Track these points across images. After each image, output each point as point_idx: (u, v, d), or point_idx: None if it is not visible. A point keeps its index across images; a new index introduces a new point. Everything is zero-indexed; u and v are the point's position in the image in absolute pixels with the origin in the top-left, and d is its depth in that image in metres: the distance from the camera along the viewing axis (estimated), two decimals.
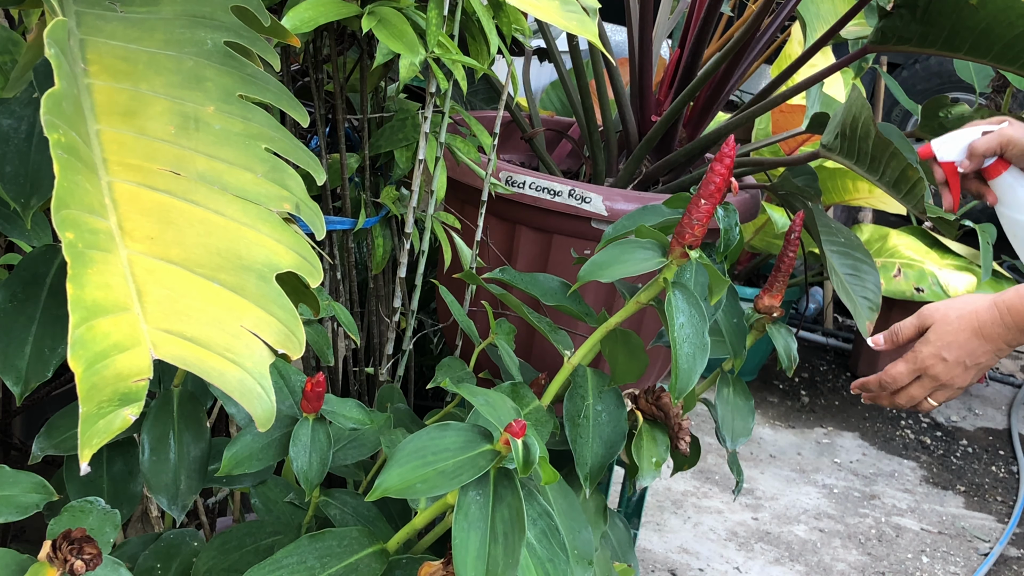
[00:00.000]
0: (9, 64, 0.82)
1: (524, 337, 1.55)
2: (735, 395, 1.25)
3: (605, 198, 1.48)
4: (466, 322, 1.29)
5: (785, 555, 2.31)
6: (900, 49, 1.54)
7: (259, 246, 0.60)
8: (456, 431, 0.88)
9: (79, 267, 0.50)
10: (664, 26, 1.91)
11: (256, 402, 0.53)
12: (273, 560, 0.89)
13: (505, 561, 0.82)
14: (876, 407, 3.22)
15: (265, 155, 0.66)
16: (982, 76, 3.37)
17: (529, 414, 1.10)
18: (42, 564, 0.72)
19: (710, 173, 0.99)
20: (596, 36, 1.04)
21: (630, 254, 1.05)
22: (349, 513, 1.03)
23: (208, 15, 0.74)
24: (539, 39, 1.84)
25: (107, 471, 0.98)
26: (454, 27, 1.23)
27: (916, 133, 1.65)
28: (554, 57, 1.80)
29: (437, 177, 1.31)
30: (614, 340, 1.10)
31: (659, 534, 2.31)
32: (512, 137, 1.86)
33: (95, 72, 0.64)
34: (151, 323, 0.51)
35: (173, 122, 0.63)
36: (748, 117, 1.68)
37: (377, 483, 0.84)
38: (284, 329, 0.57)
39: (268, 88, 0.72)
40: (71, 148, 0.54)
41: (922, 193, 1.42)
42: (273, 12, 1.04)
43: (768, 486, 2.62)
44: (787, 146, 2.83)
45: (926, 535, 2.50)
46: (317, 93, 1.35)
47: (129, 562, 0.96)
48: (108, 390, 0.48)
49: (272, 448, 0.98)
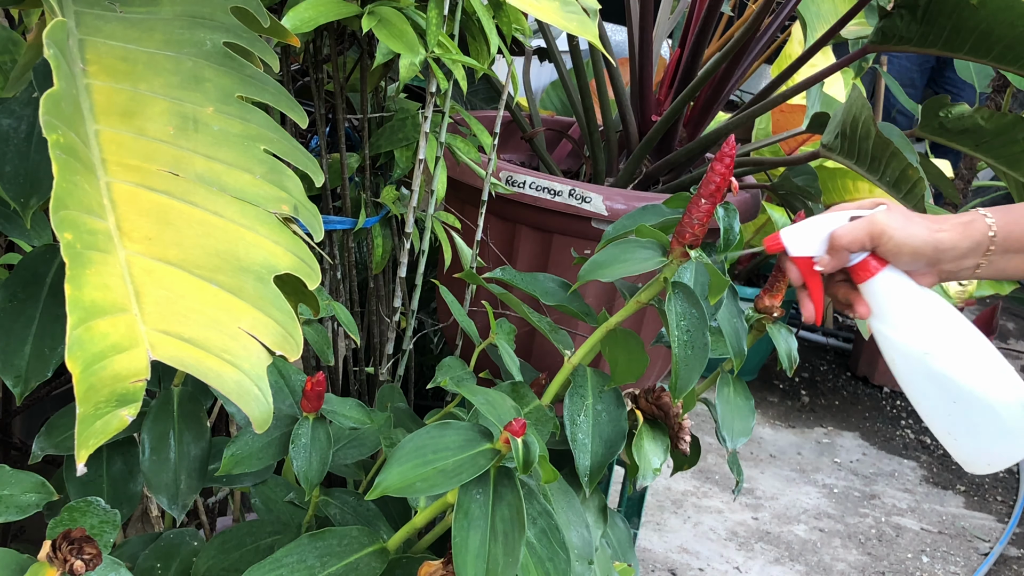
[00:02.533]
0: (9, 64, 0.82)
1: (524, 337, 1.55)
2: (735, 395, 1.25)
3: (605, 198, 1.48)
4: (466, 322, 1.29)
5: (785, 555, 2.31)
6: (900, 49, 1.54)
7: (257, 247, 0.60)
8: (456, 430, 0.88)
9: (77, 268, 0.50)
10: (664, 26, 1.91)
11: (253, 404, 0.53)
12: (273, 559, 0.89)
13: (505, 560, 0.82)
14: (876, 407, 3.22)
15: (264, 156, 0.66)
16: (982, 76, 3.37)
17: (529, 413, 1.10)
18: (42, 564, 0.73)
19: (710, 173, 0.99)
20: (596, 36, 1.04)
21: (630, 254, 1.05)
22: (349, 512, 1.03)
23: (207, 16, 0.74)
24: (539, 39, 1.84)
25: (107, 471, 0.98)
26: (454, 27, 1.23)
27: (916, 133, 1.65)
28: (554, 57, 1.80)
29: (437, 177, 1.31)
30: (614, 340, 1.09)
31: (659, 534, 2.31)
32: (512, 137, 1.86)
33: (94, 72, 0.64)
34: (149, 324, 0.51)
35: (172, 123, 0.63)
36: (748, 117, 1.68)
37: (377, 482, 0.85)
38: (281, 331, 0.57)
39: (267, 89, 0.72)
40: (70, 148, 0.54)
41: (922, 193, 1.42)
42: (273, 12, 1.04)
43: (768, 486, 2.62)
44: (787, 146, 2.83)
45: (926, 535, 2.49)
46: (317, 93, 1.35)
47: (129, 562, 0.96)
48: (106, 391, 0.48)
49: (272, 447, 0.98)
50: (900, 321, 0.91)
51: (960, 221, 0.91)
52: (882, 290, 0.91)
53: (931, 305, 0.91)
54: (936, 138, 1.60)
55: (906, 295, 0.91)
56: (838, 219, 0.92)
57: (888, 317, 0.92)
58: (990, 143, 1.55)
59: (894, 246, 0.89)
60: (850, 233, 0.90)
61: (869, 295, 0.92)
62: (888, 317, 0.92)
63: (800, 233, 0.93)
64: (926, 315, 0.91)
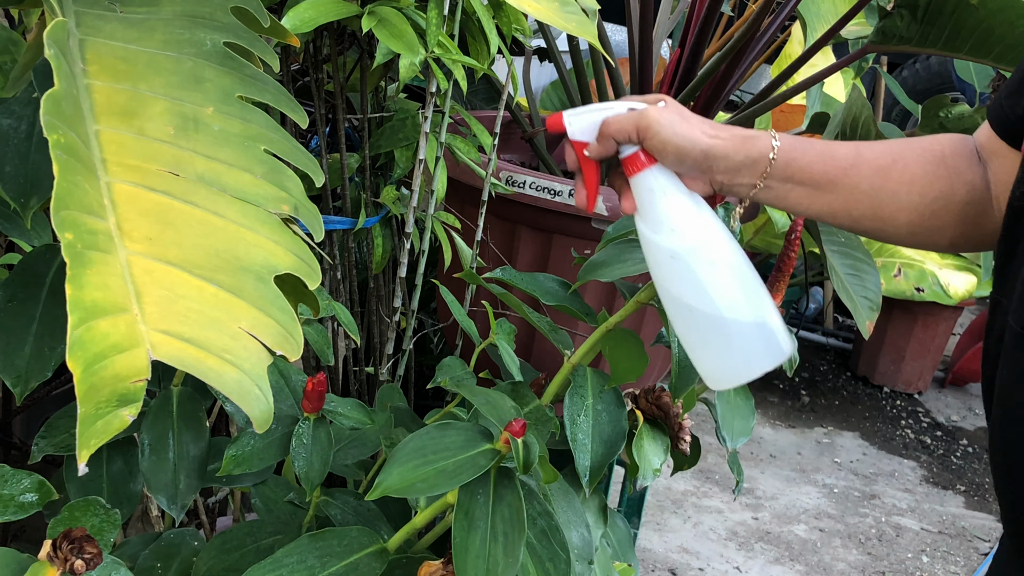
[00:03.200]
0: (9, 64, 0.82)
1: (524, 337, 1.55)
2: (735, 395, 1.25)
3: (605, 198, 1.48)
4: (466, 322, 1.29)
5: (785, 555, 2.31)
6: (900, 49, 1.54)
7: (257, 247, 0.60)
8: (456, 430, 0.88)
9: (78, 268, 0.50)
10: (664, 26, 1.91)
11: (254, 403, 0.53)
12: (273, 559, 0.89)
13: (505, 560, 0.82)
14: (876, 407, 3.22)
15: (264, 156, 0.66)
16: (982, 76, 3.37)
17: (529, 413, 1.10)
18: (42, 563, 0.73)
19: None
20: (595, 37, 1.04)
21: (630, 254, 1.05)
22: (349, 513, 1.03)
23: (208, 15, 0.74)
24: (539, 39, 1.84)
25: (107, 471, 0.98)
26: (454, 27, 1.23)
27: (916, 133, 1.65)
28: (554, 57, 1.80)
29: (437, 177, 1.31)
30: (614, 340, 1.10)
31: (659, 534, 2.31)
32: (512, 137, 1.86)
33: (94, 72, 0.64)
34: (150, 324, 0.51)
35: (172, 123, 0.63)
36: (748, 117, 1.68)
37: (377, 482, 0.85)
38: (282, 331, 0.57)
39: (267, 89, 0.72)
40: (70, 149, 0.54)
41: None
42: (273, 12, 1.04)
43: (768, 486, 2.62)
44: None
45: (926, 535, 2.49)
46: (317, 93, 1.35)
47: (129, 561, 0.96)
48: (106, 391, 0.48)
49: (273, 448, 0.98)
50: (656, 220, 0.88)
51: (742, 134, 0.88)
52: (645, 187, 0.88)
53: (691, 210, 0.88)
54: None
55: (667, 195, 0.88)
56: (617, 107, 0.89)
57: (647, 215, 0.89)
58: None
59: (659, 143, 0.86)
60: (618, 123, 0.87)
61: (636, 191, 0.90)
62: (647, 215, 0.89)
63: (582, 117, 0.90)
64: (682, 218, 0.88)
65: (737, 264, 0.89)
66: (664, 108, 0.88)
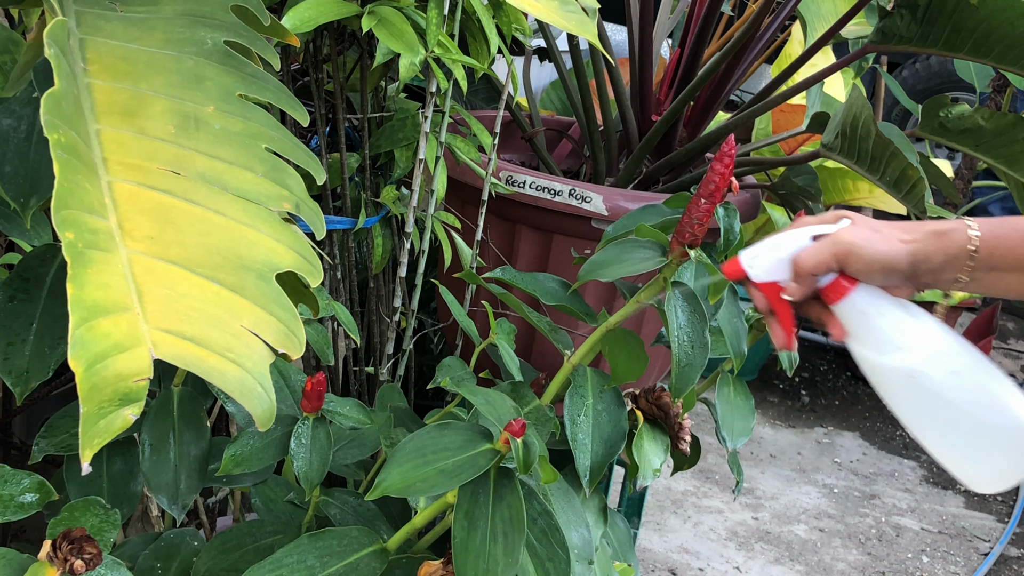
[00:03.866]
0: (9, 64, 0.82)
1: (524, 337, 1.55)
2: (735, 395, 1.25)
3: (605, 198, 1.48)
4: (466, 322, 1.29)
5: (785, 555, 2.31)
6: (900, 49, 1.54)
7: (259, 246, 0.60)
8: (456, 430, 0.88)
9: (79, 267, 0.50)
10: (664, 26, 1.91)
11: (256, 402, 0.53)
12: (273, 559, 0.89)
13: (505, 560, 0.82)
14: (876, 407, 3.22)
15: (265, 155, 0.66)
16: (982, 76, 3.37)
17: (529, 413, 1.10)
18: (42, 563, 0.73)
19: (710, 172, 0.99)
20: (595, 36, 1.04)
21: (630, 253, 1.05)
22: (349, 512, 1.03)
23: (208, 14, 0.74)
24: (539, 39, 1.84)
25: (107, 471, 0.98)
26: (454, 27, 1.23)
27: (916, 133, 1.65)
28: (554, 57, 1.80)
29: (437, 177, 1.31)
30: (614, 340, 1.09)
31: (659, 534, 2.31)
32: (512, 137, 1.86)
33: (95, 72, 0.64)
34: (151, 323, 0.51)
35: (173, 121, 0.63)
36: (748, 117, 1.68)
37: (377, 482, 0.85)
38: (284, 329, 0.57)
39: (268, 87, 0.72)
40: (71, 148, 0.54)
41: (922, 193, 1.42)
42: (273, 12, 1.04)
43: (768, 486, 2.62)
44: (787, 146, 2.83)
45: (926, 535, 2.49)
46: (317, 92, 1.35)
47: (129, 561, 0.96)
48: (109, 390, 0.48)
49: (273, 447, 0.98)
50: (879, 342, 0.83)
51: (934, 230, 0.82)
52: (856, 310, 0.83)
53: (911, 323, 0.83)
54: (936, 138, 1.60)
55: (883, 314, 0.83)
56: (799, 238, 0.83)
57: (866, 338, 0.84)
58: (990, 143, 1.55)
59: (863, 265, 0.81)
60: (814, 256, 0.82)
61: (843, 316, 0.84)
62: (866, 338, 0.84)
63: (761, 256, 0.84)
64: (906, 334, 0.83)
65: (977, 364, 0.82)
66: (853, 227, 0.83)
